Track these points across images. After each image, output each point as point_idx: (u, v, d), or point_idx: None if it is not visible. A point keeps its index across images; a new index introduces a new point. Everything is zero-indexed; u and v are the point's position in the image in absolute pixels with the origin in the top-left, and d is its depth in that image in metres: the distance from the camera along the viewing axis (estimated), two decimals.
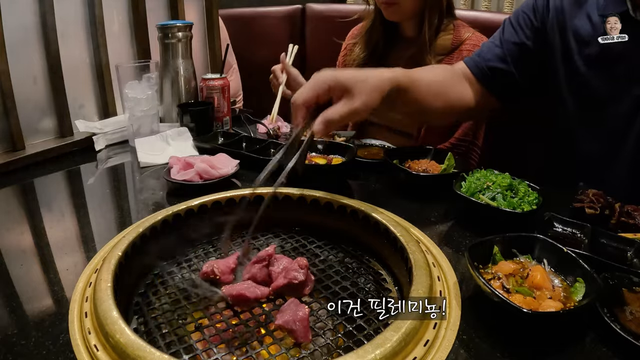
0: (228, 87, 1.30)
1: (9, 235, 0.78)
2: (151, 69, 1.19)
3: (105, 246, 0.69)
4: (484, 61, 1.01)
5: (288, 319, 0.52)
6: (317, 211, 0.76)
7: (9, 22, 1.01)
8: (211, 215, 0.75)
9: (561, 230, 0.72)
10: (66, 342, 0.50)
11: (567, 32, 0.93)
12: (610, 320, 0.50)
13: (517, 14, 1.01)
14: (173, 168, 0.92)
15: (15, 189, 0.97)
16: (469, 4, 2.40)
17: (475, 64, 1.02)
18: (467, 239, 0.73)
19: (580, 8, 0.92)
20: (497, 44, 1.01)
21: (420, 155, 0.98)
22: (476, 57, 1.03)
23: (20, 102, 1.06)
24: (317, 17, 2.02)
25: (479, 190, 0.78)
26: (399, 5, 1.20)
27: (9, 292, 0.60)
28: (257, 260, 0.63)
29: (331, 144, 1.05)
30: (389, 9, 1.23)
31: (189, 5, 1.46)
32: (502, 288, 0.56)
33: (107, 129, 1.22)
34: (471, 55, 1.05)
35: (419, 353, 0.47)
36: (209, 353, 0.51)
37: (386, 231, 0.67)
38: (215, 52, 1.53)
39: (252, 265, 0.63)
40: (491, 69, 1.00)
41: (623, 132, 0.90)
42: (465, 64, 1.04)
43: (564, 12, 0.94)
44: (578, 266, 0.57)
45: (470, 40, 1.23)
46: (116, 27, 1.30)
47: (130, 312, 0.58)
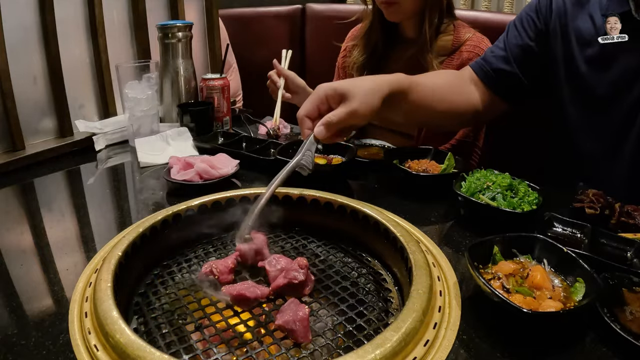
0: (228, 87, 1.30)
1: (9, 235, 0.78)
2: (151, 69, 1.20)
3: (105, 246, 0.70)
4: (488, 64, 1.02)
5: (288, 319, 0.52)
6: (317, 211, 0.76)
7: (9, 22, 1.01)
8: (211, 215, 0.75)
9: (561, 230, 0.72)
10: (66, 342, 0.50)
11: (569, 33, 0.94)
12: (610, 320, 0.50)
13: (521, 17, 1.02)
14: (173, 168, 0.92)
15: (15, 189, 0.97)
16: (469, 4, 2.40)
17: (480, 67, 1.03)
18: (467, 239, 0.73)
19: (582, 8, 0.92)
20: (501, 46, 1.02)
21: (420, 155, 0.98)
22: (481, 61, 1.04)
23: (20, 102, 1.06)
24: (317, 17, 2.02)
25: (479, 190, 0.78)
26: (399, 5, 1.20)
27: (9, 292, 0.60)
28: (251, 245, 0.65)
29: (331, 144, 1.05)
30: (389, 9, 1.22)
31: (189, 5, 1.46)
32: (502, 288, 0.56)
33: (107, 129, 1.22)
34: (476, 60, 1.06)
35: (419, 353, 0.47)
36: (209, 353, 0.51)
37: (386, 231, 0.67)
38: (215, 52, 1.53)
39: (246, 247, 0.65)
40: (496, 71, 1.01)
41: (624, 132, 0.90)
42: (470, 67, 1.05)
43: (567, 13, 0.94)
44: (578, 266, 0.57)
45: (470, 41, 1.23)
46: (116, 27, 1.30)
47: (130, 312, 0.58)
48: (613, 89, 0.89)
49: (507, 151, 1.40)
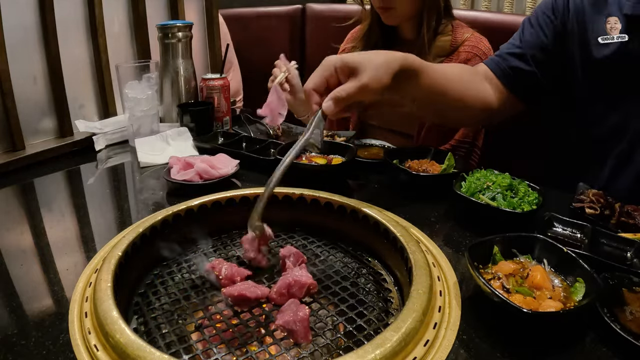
0: (228, 87, 1.30)
1: (9, 235, 0.78)
2: (151, 69, 1.20)
3: (105, 246, 0.70)
4: (505, 61, 0.99)
5: (289, 320, 0.52)
6: (317, 211, 0.76)
7: (9, 22, 1.01)
8: (211, 215, 0.75)
9: (561, 230, 0.72)
10: (66, 342, 0.50)
11: (587, 32, 0.92)
12: (610, 320, 0.50)
13: (537, 14, 1.00)
14: (173, 168, 0.92)
15: (15, 189, 0.97)
16: (468, 4, 2.40)
17: (495, 64, 1.00)
18: (467, 239, 0.73)
19: (600, 8, 0.91)
20: (517, 44, 1.00)
21: (420, 155, 0.98)
22: (496, 58, 1.01)
23: (20, 102, 1.06)
24: (317, 17, 2.02)
25: (479, 190, 0.78)
26: (396, 10, 1.20)
27: (9, 292, 0.60)
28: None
29: (331, 144, 1.05)
30: (386, 13, 1.22)
31: (189, 5, 1.46)
32: (502, 288, 0.56)
33: (107, 129, 1.22)
34: (491, 57, 1.03)
35: (419, 353, 0.47)
36: (209, 353, 0.51)
37: (386, 231, 0.67)
38: (215, 52, 1.53)
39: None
40: (513, 69, 0.98)
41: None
42: (485, 64, 1.02)
43: (585, 12, 0.93)
44: (578, 266, 0.57)
45: (469, 41, 1.23)
46: (116, 27, 1.30)
47: (130, 312, 0.58)
48: (631, 87, 0.88)
49: (507, 151, 1.40)
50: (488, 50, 1.22)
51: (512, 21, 1.43)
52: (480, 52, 1.20)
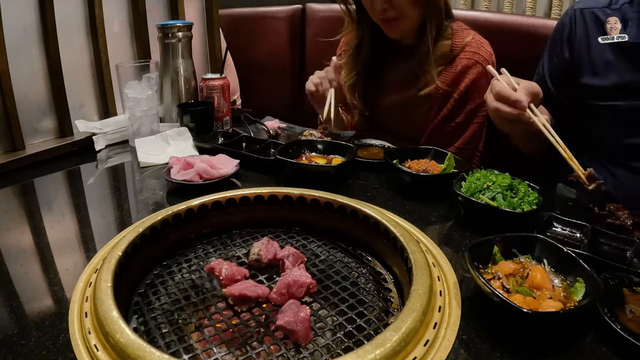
0: (228, 87, 1.30)
1: (9, 235, 0.78)
2: (151, 69, 1.19)
3: (105, 246, 0.69)
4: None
5: (289, 320, 0.52)
6: (317, 211, 0.76)
7: (9, 22, 1.01)
8: (211, 215, 0.75)
9: (561, 230, 0.72)
10: (66, 342, 0.50)
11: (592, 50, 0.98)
12: (610, 320, 0.50)
13: (549, 43, 1.10)
14: (173, 168, 0.92)
15: (15, 189, 0.97)
16: (469, 4, 2.40)
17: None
18: (467, 239, 0.73)
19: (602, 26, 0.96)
20: (540, 72, 1.11)
21: (420, 155, 0.98)
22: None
23: (20, 102, 1.06)
24: (317, 17, 2.01)
25: (479, 190, 0.78)
26: (400, 21, 1.12)
27: (9, 292, 0.60)
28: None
29: (331, 144, 1.05)
30: (388, 25, 1.15)
31: (189, 5, 1.46)
32: (502, 288, 0.56)
33: (107, 129, 1.22)
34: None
35: (419, 353, 0.47)
36: (209, 353, 0.51)
37: (386, 231, 0.67)
38: (215, 52, 1.53)
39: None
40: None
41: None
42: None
43: (588, 29, 0.99)
44: (578, 266, 0.57)
45: (469, 46, 1.17)
46: (116, 27, 1.31)
47: (130, 312, 0.58)
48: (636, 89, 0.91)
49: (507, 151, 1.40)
50: (489, 55, 1.17)
51: (512, 21, 1.43)
52: (482, 59, 1.15)
